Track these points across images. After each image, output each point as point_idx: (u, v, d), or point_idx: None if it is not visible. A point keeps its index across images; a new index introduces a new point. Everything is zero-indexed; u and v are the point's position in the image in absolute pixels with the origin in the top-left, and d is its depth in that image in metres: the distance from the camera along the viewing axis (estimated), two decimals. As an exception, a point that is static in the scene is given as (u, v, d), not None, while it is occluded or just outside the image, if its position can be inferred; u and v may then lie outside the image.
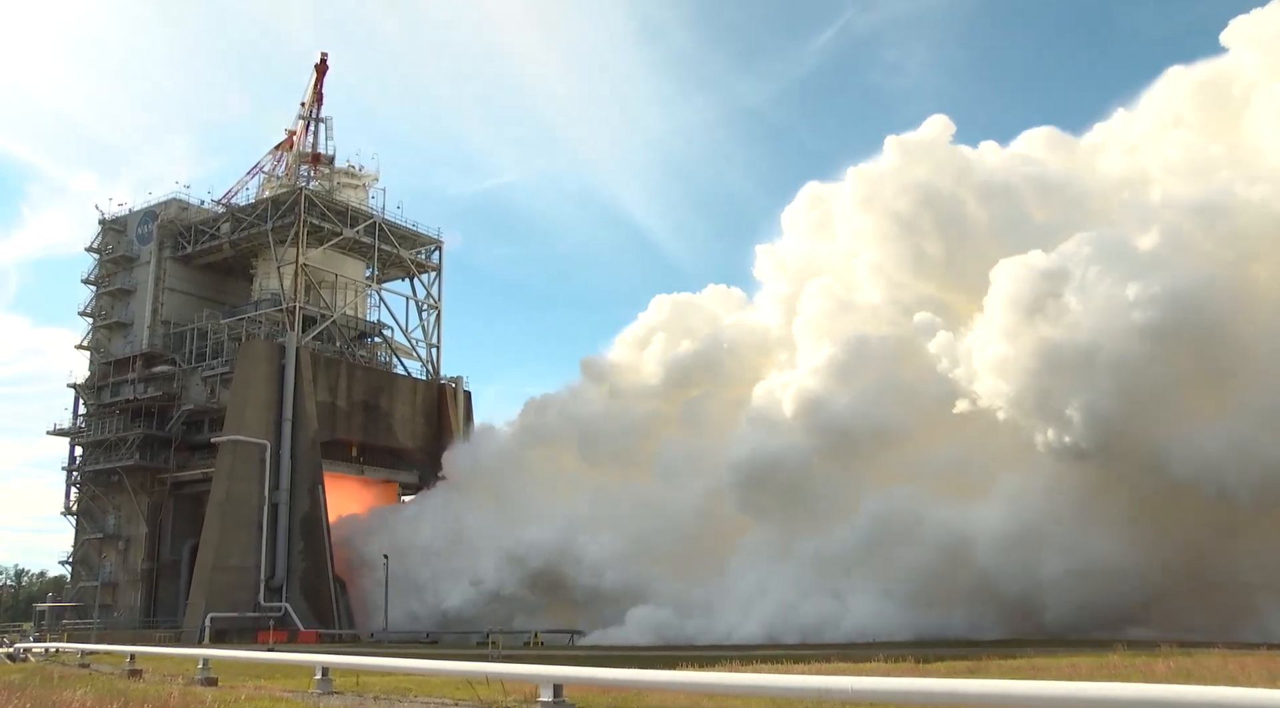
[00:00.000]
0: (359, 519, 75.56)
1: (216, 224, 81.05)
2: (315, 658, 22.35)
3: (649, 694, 15.74)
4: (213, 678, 23.54)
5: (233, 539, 67.32)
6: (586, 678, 15.34)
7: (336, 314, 79.82)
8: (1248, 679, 15.12)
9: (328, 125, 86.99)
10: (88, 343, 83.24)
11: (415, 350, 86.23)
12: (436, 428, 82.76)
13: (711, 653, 28.88)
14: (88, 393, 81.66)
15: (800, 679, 11.80)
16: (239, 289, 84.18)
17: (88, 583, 77.02)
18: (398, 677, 22.03)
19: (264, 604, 66.86)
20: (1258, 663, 17.76)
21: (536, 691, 14.41)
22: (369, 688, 20.43)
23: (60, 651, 41.35)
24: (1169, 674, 16.46)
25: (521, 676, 16.20)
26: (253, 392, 70.95)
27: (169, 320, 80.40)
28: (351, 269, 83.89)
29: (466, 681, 17.77)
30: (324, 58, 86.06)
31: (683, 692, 14.59)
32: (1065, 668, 18.86)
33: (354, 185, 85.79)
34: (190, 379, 77.54)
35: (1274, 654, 20.38)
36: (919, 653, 24.32)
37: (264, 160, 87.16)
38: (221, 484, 68.52)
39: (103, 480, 78.33)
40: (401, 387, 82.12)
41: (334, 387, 75.61)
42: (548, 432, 70.50)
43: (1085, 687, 8.73)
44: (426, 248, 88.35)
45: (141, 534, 75.98)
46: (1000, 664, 21.42)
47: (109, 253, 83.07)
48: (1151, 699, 8.08)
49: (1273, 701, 7.38)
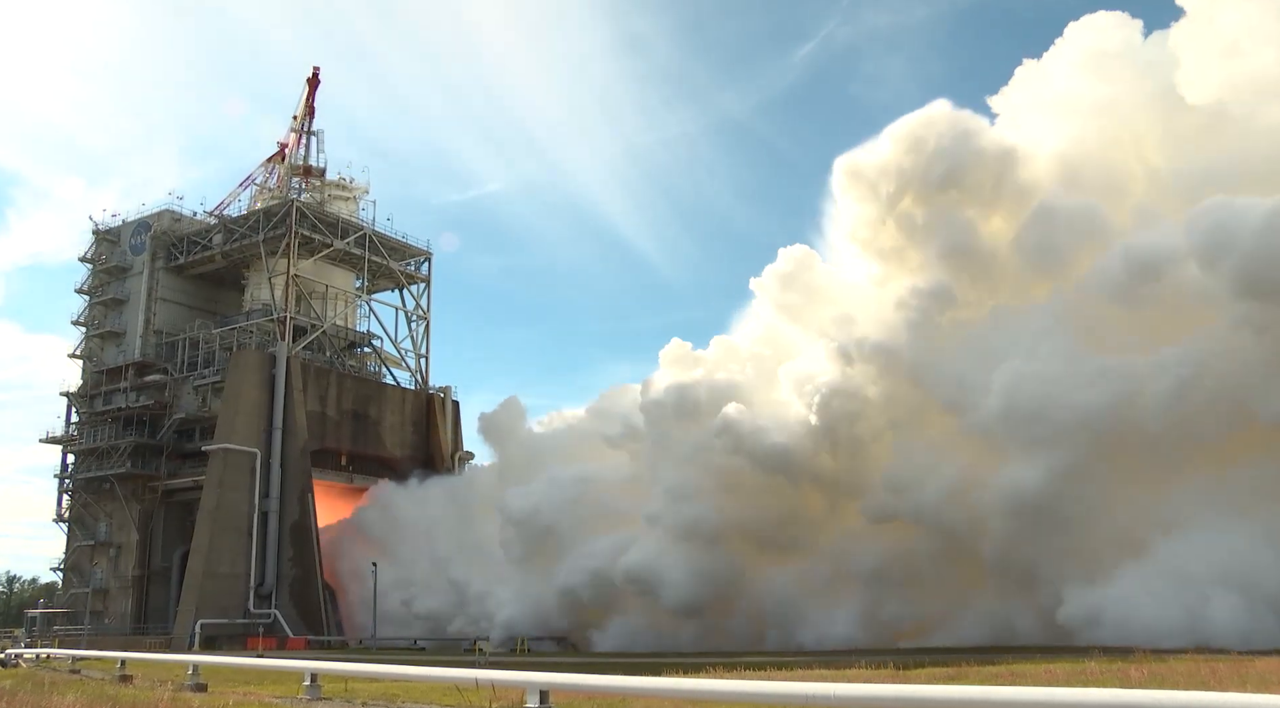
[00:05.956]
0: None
1: (209, 235, 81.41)
2: (304, 664, 22.49)
3: (634, 701, 15.90)
4: (202, 684, 23.73)
5: (223, 546, 67.55)
6: (572, 684, 15.54)
7: (327, 324, 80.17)
8: (1219, 684, 15.44)
9: (319, 138, 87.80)
10: (80, 352, 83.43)
11: (404, 360, 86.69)
12: (425, 437, 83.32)
13: (696, 659, 29.05)
14: (80, 401, 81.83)
15: (784, 686, 11.95)
16: (230, 299, 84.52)
17: (79, 590, 77.10)
18: (386, 683, 22.19)
19: (253, 611, 67.10)
20: (1229, 668, 18.08)
21: (523, 696, 14.64)
22: (357, 694, 20.56)
23: (51, 657, 41.41)
24: (1143, 680, 16.76)
25: (508, 682, 16.34)
26: (243, 401, 71.17)
27: (161, 330, 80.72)
28: (342, 280, 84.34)
29: (453, 687, 17.96)
30: (315, 72, 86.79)
31: (668, 699, 14.72)
32: (1043, 674, 19.13)
33: (345, 197, 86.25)
34: (182, 388, 77.73)
35: (1242, 659, 20.70)
36: (900, 660, 24.54)
37: (256, 172, 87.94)
38: (212, 492, 68.73)
39: (94, 488, 78.53)
40: (391, 396, 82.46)
41: (324, 396, 75.90)
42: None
43: (1062, 692, 8.94)
44: (416, 259, 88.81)
45: (133, 541, 76.12)
46: (980, 671, 21.68)
47: (102, 263, 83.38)
48: (1129, 704, 8.35)
49: (1244, 704, 7.69)
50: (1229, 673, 17.19)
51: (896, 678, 18.36)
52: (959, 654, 30.58)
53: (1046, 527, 39.17)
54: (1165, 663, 19.72)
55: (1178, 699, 8.13)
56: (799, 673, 20.41)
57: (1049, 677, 18.43)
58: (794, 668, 22.91)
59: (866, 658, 24.61)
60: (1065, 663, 22.28)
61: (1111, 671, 19.06)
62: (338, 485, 78.32)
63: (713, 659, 28.74)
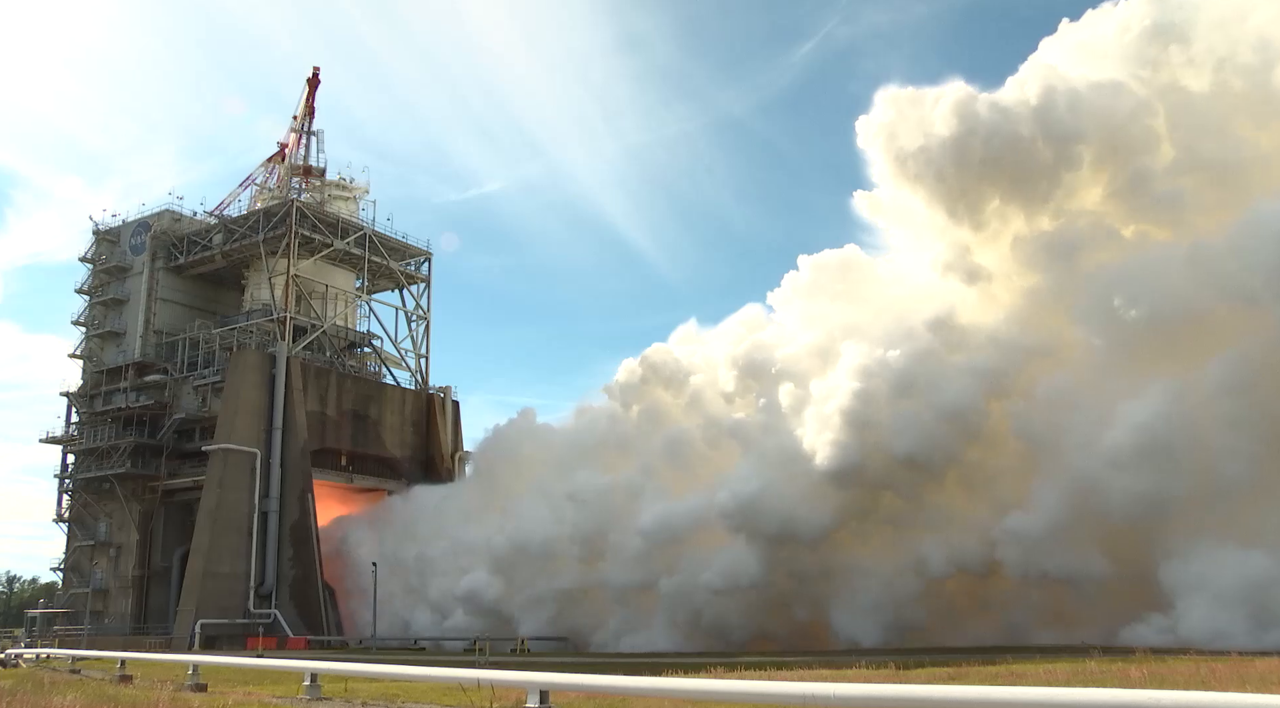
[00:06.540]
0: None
1: (209, 235, 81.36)
2: (304, 664, 22.50)
3: (634, 701, 15.92)
4: (202, 684, 23.76)
5: (223, 546, 67.50)
6: (572, 684, 15.57)
7: (327, 324, 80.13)
8: (1219, 684, 15.45)
9: (319, 138, 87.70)
10: (80, 352, 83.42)
11: (404, 360, 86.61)
12: (425, 437, 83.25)
13: (696, 660, 29.08)
14: (80, 401, 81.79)
15: (784, 686, 11.95)
16: (231, 299, 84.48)
17: (79, 590, 76.98)
18: (386, 683, 22.20)
19: (254, 611, 67.02)
20: (1229, 668, 18.09)
21: (523, 696, 14.65)
22: (357, 694, 20.58)
23: (51, 657, 41.45)
24: (1143, 679, 16.77)
25: (508, 682, 16.37)
26: (243, 401, 71.15)
27: (161, 330, 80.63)
28: (342, 280, 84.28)
29: (455, 686, 17.96)
30: (316, 72, 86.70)
31: (667, 698, 14.73)
32: (1043, 674, 19.15)
33: (345, 197, 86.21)
34: (182, 388, 77.69)
35: (1243, 659, 20.70)
36: (900, 659, 24.57)
37: (256, 172, 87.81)
38: (212, 492, 68.72)
39: (95, 488, 78.46)
40: (391, 396, 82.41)
41: (324, 396, 75.87)
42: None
43: (1062, 692, 8.96)
44: (416, 259, 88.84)
45: (133, 541, 76.11)
46: (980, 671, 21.70)
47: (102, 263, 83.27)
48: (1129, 704, 8.35)
49: (1244, 704, 7.70)
50: (1229, 673, 17.20)
51: (896, 678, 18.39)
52: (959, 654, 30.60)
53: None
54: (1165, 663, 19.72)
55: (1178, 699, 8.13)
56: (799, 673, 20.43)
57: (1049, 677, 18.46)
58: (794, 668, 22.94)
59: (867, 658, 24.63)
60: (1065, 663, 22.29)
61: (1111, 671, 19.07)
62: (338, 486, 78.23)
63: (713, 659, 28.77)
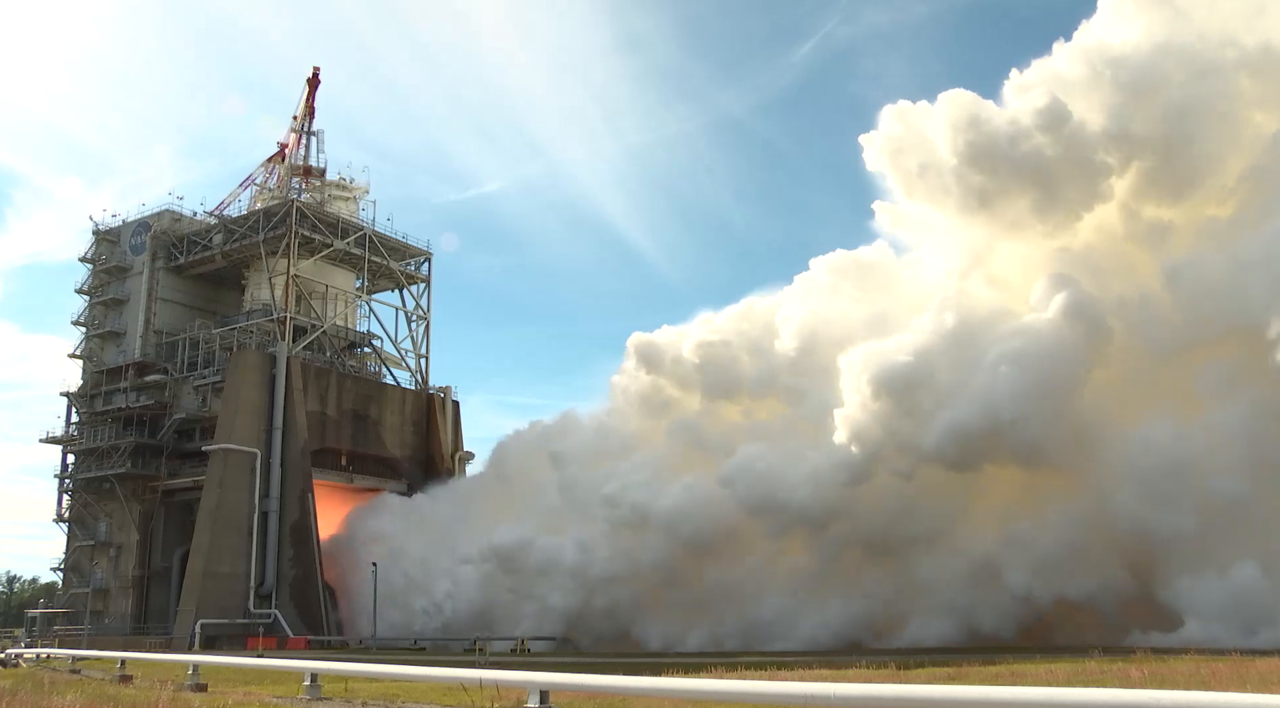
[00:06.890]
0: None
1: (209, 235, 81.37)
2: (304, 664, 22.52)
3: (634, 701, 15.92)
4: (202, 684, 23.76)
5: (223, 546, 67.53)
6: (572, 684, 15.57)
7: (327, 324, 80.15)
8: (1219, 684, 15.45)
9: (319, 138, 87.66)
10: (80, 352, 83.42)
11: (404, 360, 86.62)
12: (425, 437, 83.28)
13: (696, 659, 29.08)
14: (80, 401, 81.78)
15: (784, 686, 11.96)
16: (231, 299, 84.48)
17: (79, 590, 77.01)
18: (386, 683, 22.20)
19: (254, 611, 67.07)
20: (1229, 668, 18.09)
21: (524, 696, 14.65)
22: (357, 694, 20.58)
23: (52, 657, 41.45)
24: (1143, 679, 16.77)
25: (509, 682, 16.34)
26: (243, 401, 71.17)
27: (161, 330, 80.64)
28: (342, 280, 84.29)
29: (455, 686, 17.96)
30: (316, 72, 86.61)
31: (668, 698, 14.73)
32: (1043, 674, 19.15)
33: (345, 197, 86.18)
34: (182, 388, 77.71)
35: (1243, 660, 20.70)
36: (900, 659, 24.57)
37: (256, 172, 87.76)
38: (212, 492, 68.74)
39: (95, 488, 78.46)
40: (391, 396, 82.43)
41: (324, 396, 75.89)
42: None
43: (1062, 692, 8.96)
44: (416, 259, 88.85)
45: (133, 541, 76.13)
46: (980, 671, 21.70)
47: (102, 263, 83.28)
48: (1129, 704, 8.36)
49: (1244, 704, 7.70)
50: (1229, 673, 17.21)
51: (896, 678, 18.39)
52: (959, 654, 30.60)
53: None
54: (1165, 663, 19.73)
55: (1178, 699, 8.14)
56: (799, 673, 20.44)
57: (1049, 677, 18.46)
58: (794, 668, 22.94)
59: (867, 658, 24.64)
60: (1065, 663, 22.30)
61: (1111, 671, 19.08)
62: (338, 485, 78.21)
63: (713, 659, 28.78)
